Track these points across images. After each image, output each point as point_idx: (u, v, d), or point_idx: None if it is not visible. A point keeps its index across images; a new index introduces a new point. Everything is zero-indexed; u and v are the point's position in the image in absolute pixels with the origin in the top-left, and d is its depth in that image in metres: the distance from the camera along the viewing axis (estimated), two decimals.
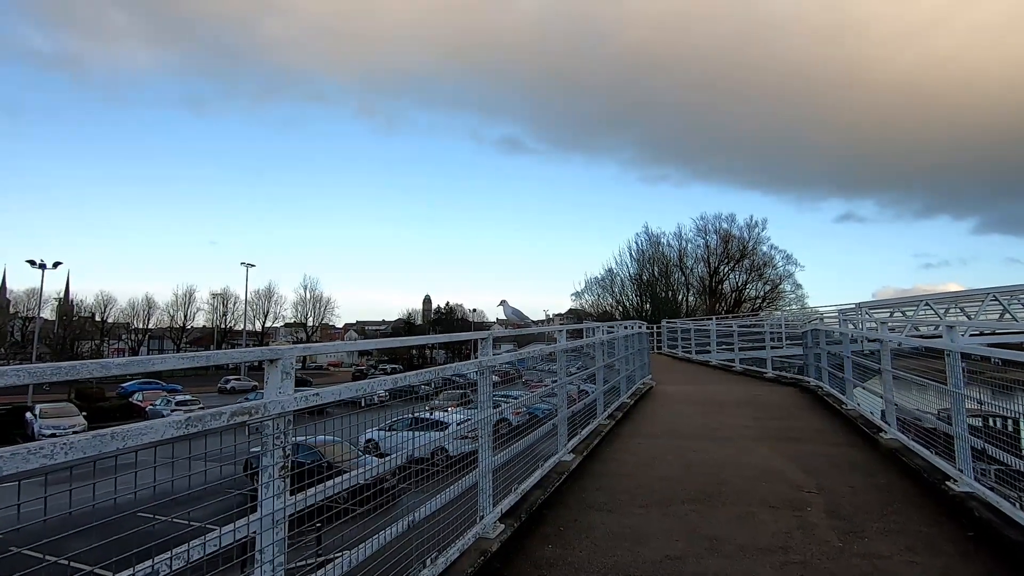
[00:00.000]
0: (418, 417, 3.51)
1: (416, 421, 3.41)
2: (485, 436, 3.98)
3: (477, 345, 4.20)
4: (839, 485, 5.30)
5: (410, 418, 3.46)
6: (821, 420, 8.61)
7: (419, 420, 3.45)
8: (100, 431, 1.45)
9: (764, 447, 6.84)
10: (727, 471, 5.79)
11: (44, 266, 35.84)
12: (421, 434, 3.26)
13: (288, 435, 2.13)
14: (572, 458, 6.03)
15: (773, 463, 6.08)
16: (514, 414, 5.28)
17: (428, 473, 3.29)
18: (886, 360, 6.89)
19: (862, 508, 4.68)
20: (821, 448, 6.76)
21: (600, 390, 7.96)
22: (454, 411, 4.24)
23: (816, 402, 10.32)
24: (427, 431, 3.35)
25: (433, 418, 3.71)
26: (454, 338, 4.10)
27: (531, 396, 5.80)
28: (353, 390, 2.43)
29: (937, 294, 23.67)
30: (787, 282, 52.43)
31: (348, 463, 2.66)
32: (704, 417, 9.03)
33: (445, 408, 4.50)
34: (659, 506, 4.82)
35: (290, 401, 2.10)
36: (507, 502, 4.25)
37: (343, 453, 2.72)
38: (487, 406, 4.03)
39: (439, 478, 3.37)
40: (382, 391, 2.74)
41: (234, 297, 74.89)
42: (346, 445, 2.74)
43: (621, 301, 52.58)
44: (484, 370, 4.02)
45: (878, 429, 7.13)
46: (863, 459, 6.23)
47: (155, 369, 1.84)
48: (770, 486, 5.29)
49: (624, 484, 5.44)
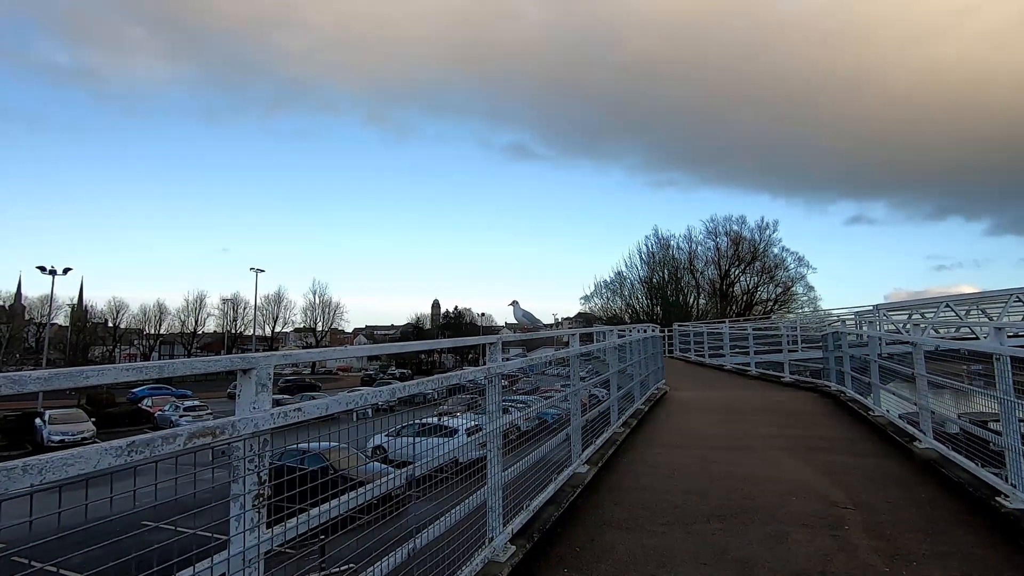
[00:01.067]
0: (428, 424, 3.27)
1: (428, 428, 3.15)
2: (494, 449, 3.65)
3: (486, 350, 3.89)
4: (876, 500, 4.91)
5: (418, 424, 3.21)
6: (847, 428, 8.19)
7: (431, 427, 3.20)
8: (7, 463, 1.15)
9: (790, 457, 6.44)
10: (753, 484, 5.41)
11: (55, 272, 36.05)
12: (444, 441, 2.99)
13: (265, 458, 1.82)
14: (587, 470, 5.68)
15: (802, 475, 5.69)
16: (524, 420, 4.99)
17: (436, 480, 3.00)
18: (920, 364, 6.49)
19: (905, 526, 4.29)
20: (851, 459, 6.35)
21: (614, 396, 7.60)
22: (462, 416, 3.94)
23: (839, 408, 9.88)
24: (441, 437, 3.08)
25: (443, 424, 3.44)
26: (457, 343, 3.74)
27: (543, 403, 5.49)
28: (342, 403, 2.12)
29: (958, 296, 23.02)
30: (799, 284, 51.69)
31: (355, 471, 2.37)
32: (724, 425, 8.64)
33: (454, 413, 4.21)
34: (682, 524, 4.46)
35: (265, 419, 1.79)
36: (518, 521, 3.92)
37: (349, 460, 2.41)
38: (496, 416, 3.71)
39: (446, 486, 3.08)
40: (377, 403, 2.42)
41: (244, 302, 75.27)
42: (353, 451, 2.44)
43: (631, 304, 52.08)
44: (493, 377, 3.70)
45: (911, 438, 6.71)
46: (898, 471, 5.82)
47: (90, 383, 1.53)
48: (802, 501, 4.91)
49: (643, 499, 5.08)
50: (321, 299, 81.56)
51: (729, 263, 53.10)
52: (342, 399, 2.15)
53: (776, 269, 52.21)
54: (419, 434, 2.96)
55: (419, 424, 3.22)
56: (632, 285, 52.73)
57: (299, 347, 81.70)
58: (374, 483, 2.43)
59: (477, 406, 3.88)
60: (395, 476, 2.60)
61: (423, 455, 2.86)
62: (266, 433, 1.81)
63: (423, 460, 2.86)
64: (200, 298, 76.04)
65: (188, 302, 75.99)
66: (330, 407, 2.04)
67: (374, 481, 2.40)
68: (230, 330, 76.24)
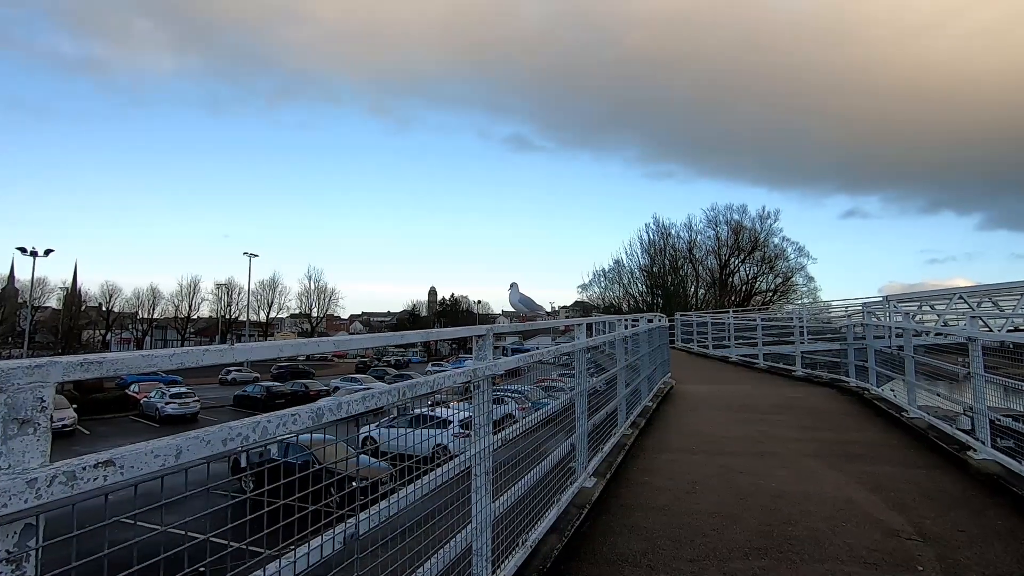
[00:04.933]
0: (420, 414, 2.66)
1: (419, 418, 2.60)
2: (482, 475, 2.78)
3: (473, 345, 3.01)
4: (944, 528, 4.07)
5: (411, 415, 2.75)
6: (882, 431, 7.35)
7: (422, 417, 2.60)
8: None
9: (826, 467, 5.61)
10: (791, 504, 4.57)
11: (36, 254, 34.87)
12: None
13: None
14: (594, 483, 4.83)
15: (846, 492, 4.86)
16: (520, 409, 4.16)
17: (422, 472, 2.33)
18: (977, 362, 5.64)
19: (995, 569, 3.45)
20: (897, 470, 5.52)
21: (622, 395, 6.74)
22: (457, 407, 3.14)
23: (865, 407, 9.05)
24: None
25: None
26: (432, 336, 2.80)
27: (543, 395, 4.61)
28: (209, 445, 1.24)
29: (971, 287, 22.35)
30: (799, 275, 50.88)
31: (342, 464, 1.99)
32: (741, 425, 7.81)
33: (447, 404, 3.45)
34: (715, 560, 3.61)
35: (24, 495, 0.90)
36: (512, 564, 3.07)
37: (336, 454, 2.04)
38: (485, 432, 2.84)
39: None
40: (296, 427, 1.54)
41: (238, 288, 74.02)
42: (341, 445, 2.05)
43: (630, 292, 51.25)
44: (480, 381, 2.82)
45: (961, 446, 5.88)
46: (957, 488, 4.99)
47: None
48: (855, 528, 4.07)
49: (663, 523, 4.23)
50: (316, 285, 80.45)
51: (729, 252, 52.24)
52: (214, 439, 1.26)
53: (776, 259, 51.40)
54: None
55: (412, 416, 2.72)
56: (632, 273, 51.89)
57: (294, 334, 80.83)
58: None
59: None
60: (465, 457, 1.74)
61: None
62: (34, 512, 0.92)
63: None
64: (194, 283, 74.94)
65: (182, 287, 74.84)
66: (182, 453, 1.15)
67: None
68: (224, 315, 75.07)
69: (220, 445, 1.29)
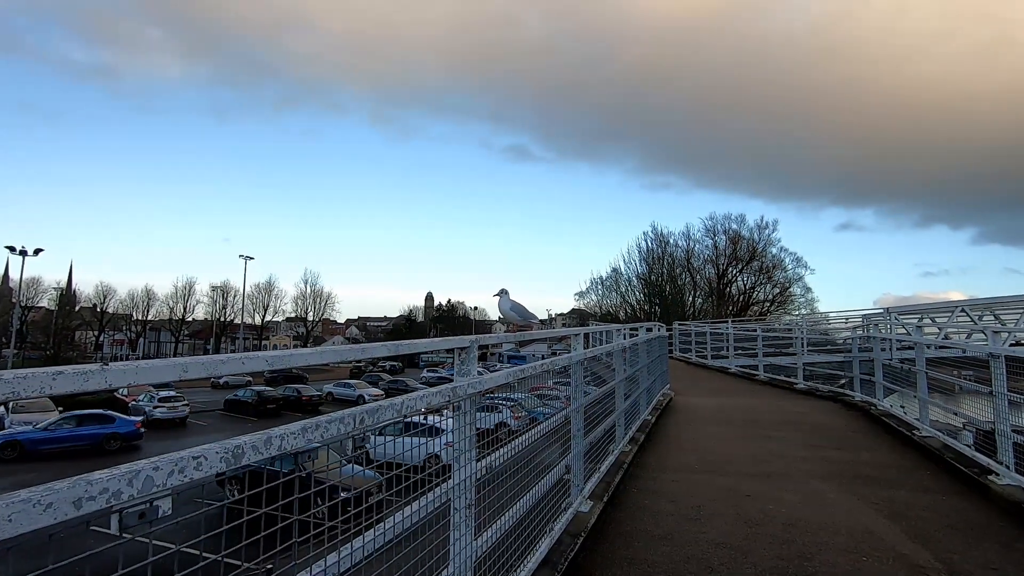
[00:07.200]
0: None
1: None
2: (463, 509, 2.41)
3: (456, 357, 2.64)
4: (974, 565, 3.70)
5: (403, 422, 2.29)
6: (893, 451, 6.98)
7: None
8: None
9: (839, 491, 5.24)
10: (804, 533, 4.20)
11: (25, 253, 34.33)
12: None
13: None
14: (590, 507, 4.45)
15: (863, 520, 4.48)
16: (515, 418, 3.81)
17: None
18: (1000, 380, 5.30)
19: None
20: (915, 495, 5.15)
21: (621, 408, 6.37)
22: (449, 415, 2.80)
23: (873, 424, 8.69)
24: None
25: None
26: (404, 348, 2.39)
27: (537, 402, 4.24)
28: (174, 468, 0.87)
29: (971, 300, 22.09)
30: (797, 285, 50.67)
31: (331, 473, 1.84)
32: (744, 442, 7.43)
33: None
34: None
35: None
36: None
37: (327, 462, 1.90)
38: (468, 459, 2.46)
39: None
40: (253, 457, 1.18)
41: (234, 290, 73.35)
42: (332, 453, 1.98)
43: (628, 300, 50.90)
44: (462, 401, 2.45)
45: (982, 469, 5.52)
46: (983, 518, 4.62)
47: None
48: (876, 564, 3.69)
49: (665, 554, 3.85)
50: (313, 289, 79.80)
51: (727, 262, 52.02)
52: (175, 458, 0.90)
53: (774, 269, 51.21)
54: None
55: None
56: (629, 281, 51.57)
57: (290, 338, 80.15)
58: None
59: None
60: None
61: None
62: None
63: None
64: (189, 285, 74.21)
65: (177, 288, 74.09)
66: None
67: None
68: (219, 318, 74.33)
69: (70, 507, 0.91)
